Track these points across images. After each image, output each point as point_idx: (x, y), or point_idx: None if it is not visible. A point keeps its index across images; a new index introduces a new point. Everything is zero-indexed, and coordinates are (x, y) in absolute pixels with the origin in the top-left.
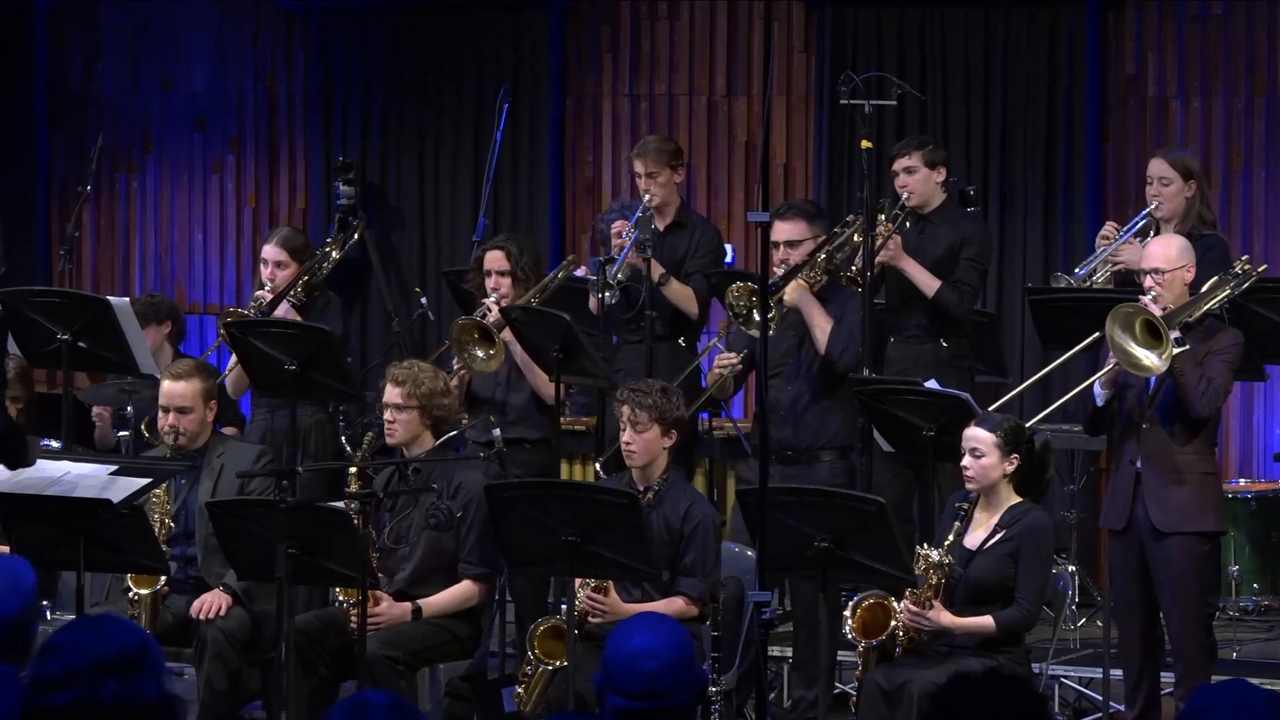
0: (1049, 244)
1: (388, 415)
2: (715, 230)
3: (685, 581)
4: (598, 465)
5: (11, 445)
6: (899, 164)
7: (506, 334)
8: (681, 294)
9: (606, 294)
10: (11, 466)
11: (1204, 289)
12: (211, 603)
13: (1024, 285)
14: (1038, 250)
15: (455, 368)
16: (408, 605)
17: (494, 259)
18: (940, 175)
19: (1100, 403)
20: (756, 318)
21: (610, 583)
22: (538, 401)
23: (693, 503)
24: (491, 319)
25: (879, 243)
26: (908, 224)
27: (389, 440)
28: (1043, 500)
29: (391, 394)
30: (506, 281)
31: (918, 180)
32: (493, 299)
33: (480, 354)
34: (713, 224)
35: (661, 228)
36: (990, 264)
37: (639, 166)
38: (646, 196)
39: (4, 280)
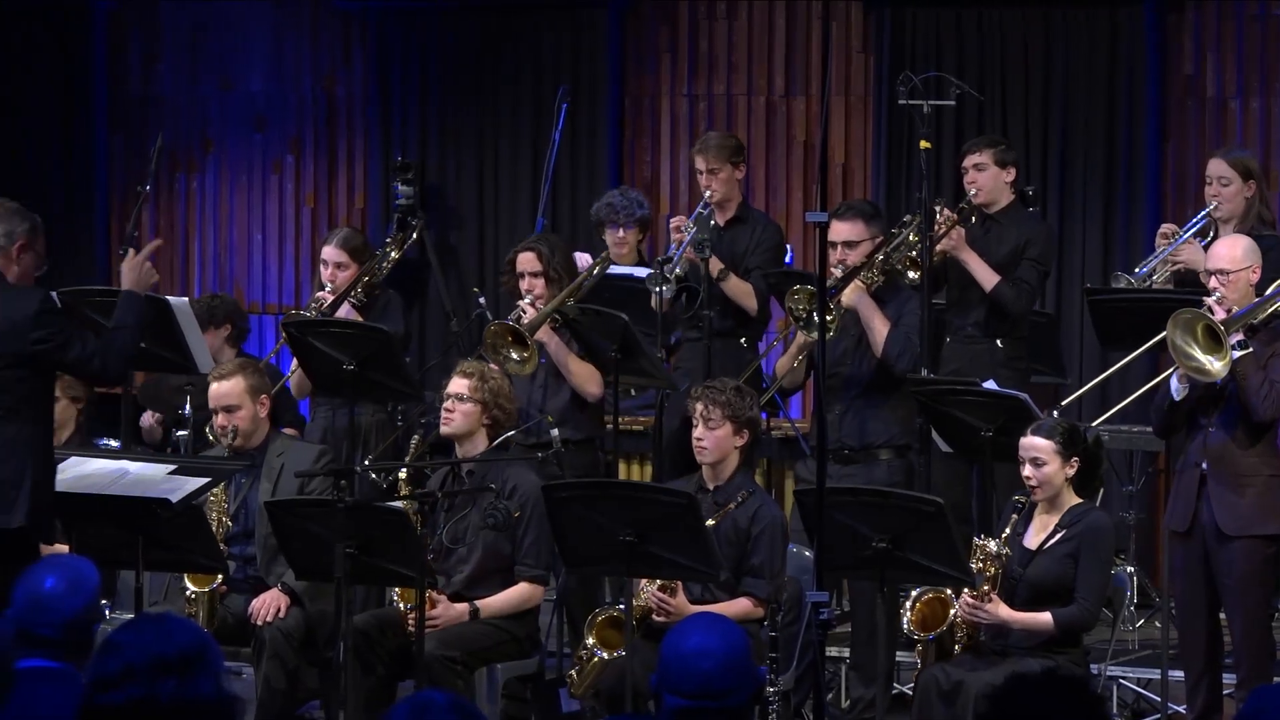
0: (1108, 244)
1: (448, 405)
2: (776, 227)
3: (752, 582)
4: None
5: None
6: (969, 160)
7: (542, 334)
8: (740, 290)
9: (664, 288)
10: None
11: (1269, 290)
12: (270, 603)
13: (1083, 285)
14: (1096, 250)
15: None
16: (465, 606)
17: (526, 261)
18: (1009, 175)
19: (1178, 397)
20: (817, 320)
21: (679, 583)
22: (578, 401)
23: (761, 504)
24: (526, 320)
25: (941, 231)
26: (972, 219)
27: (444, 430)
28: (1097, 496)
29: (458, 384)
30: (540, 283)
31: (986, 178)
32: (527, 300)
33: (515, 357)
34: (774, 221)
35: (722, 223)
36: (1052, 266)
37: (700, 162)
38: (707, 193)
39: (65, 280)
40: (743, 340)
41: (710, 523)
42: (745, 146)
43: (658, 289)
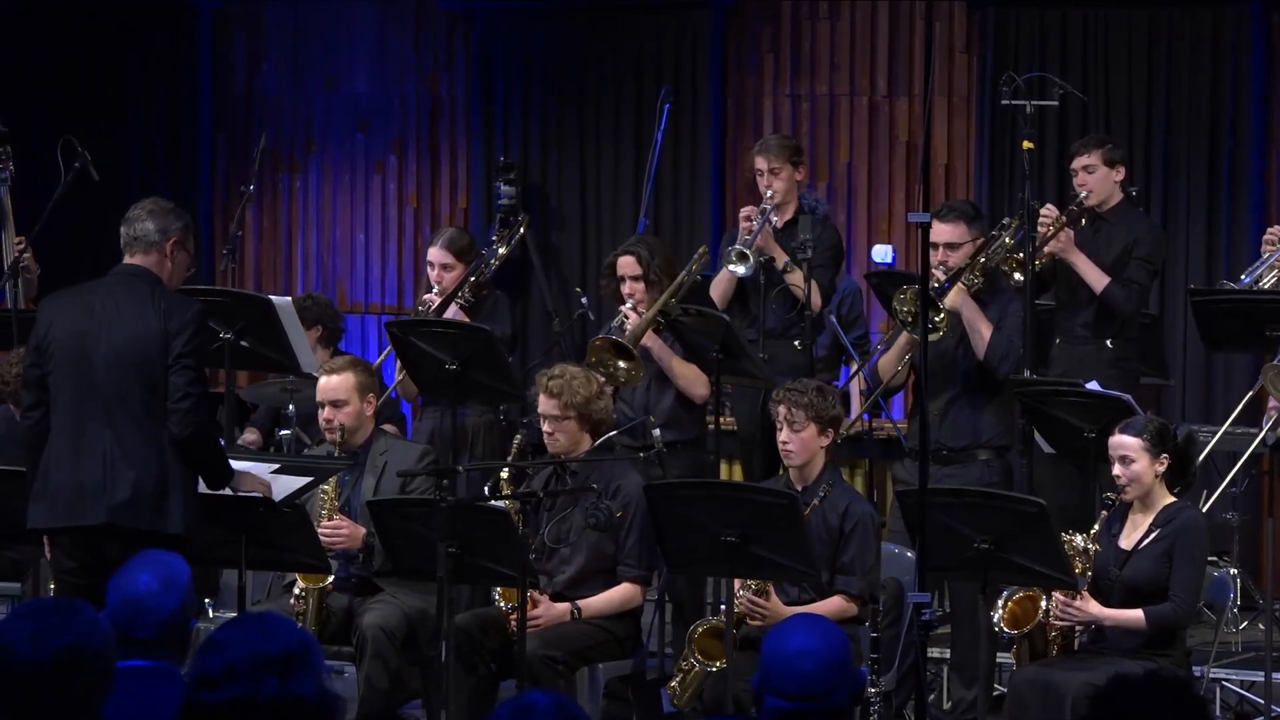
0: (1211, 245)
1: (546, 427)
2: (834, 228)
3: (844, 580)
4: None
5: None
6: (1077, 162)
7: (645, 338)
8: (811, 290)
9: (742, 268)
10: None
11: None
12: (346, 532)
13: (1186, 286)
14: (1200, 251)
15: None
16: (566, 606)
17: (626, 264)
18: (1119, 174)
19: (1269, 443)
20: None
21: (770, 585)
22: (684, 403)
23: (851, 501)
24: (629, 327)
25: (1049, 232)
26: (1083, 220)
27: (551, 449)
28: (1189, 492)
29: (547, 405)
30: (640, 286)
31: (1096, 179)
32: (629, 305)
33: (623, 366)
34: (831, 222)
35: (780, 224)
36: (1161, 265)
37: (761, 163)
38: (769, 193)
39: None
40: (796, 343)
41: None
42: (846, 150)
43: (735, 267)
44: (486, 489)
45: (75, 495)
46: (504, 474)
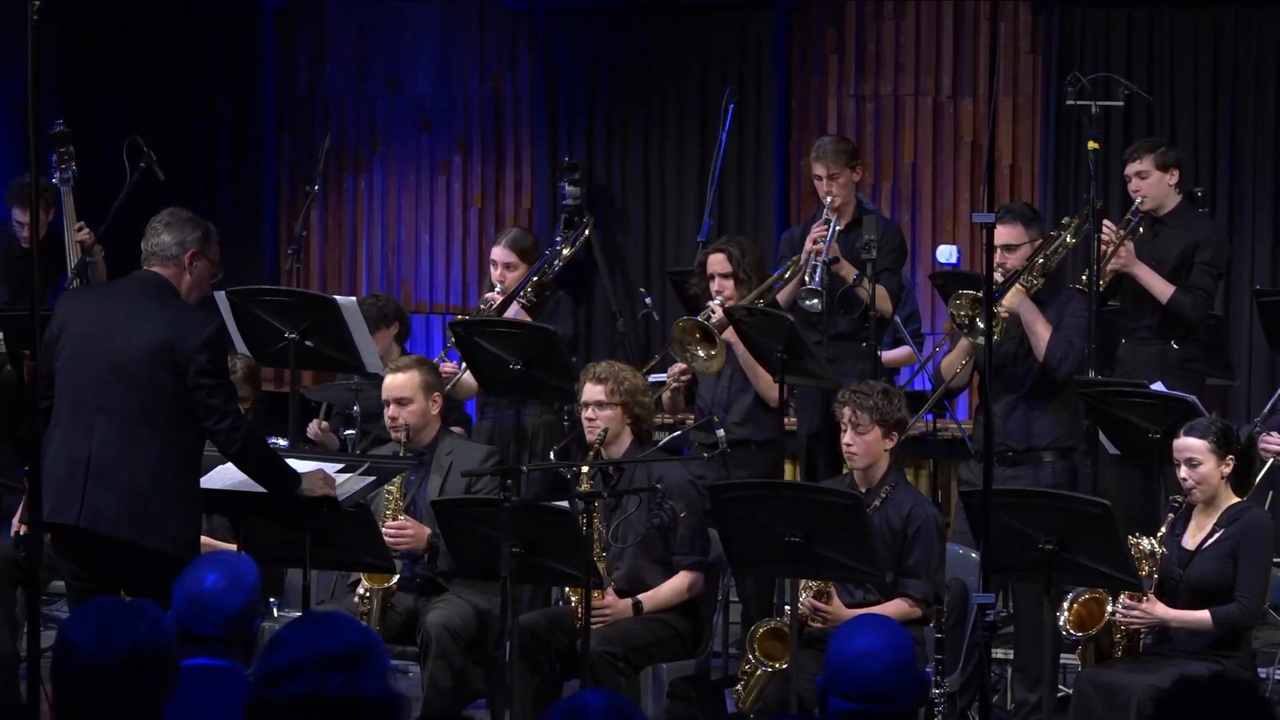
0: (1278, 246)
1: (588, 413)
2: (896, 227)
3: (909, 583)
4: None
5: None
6: (1131, 168)
7: (729, 335)
8: (876, 294)
9: (812, 302)
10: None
11: None
12: (411, 533)
13: (1252, 287)
14: (1266, 252)
15: (674, 371)
16: (628, 601)
17: (716, 262)
18: (1173, 177)
19: None
20: (980, 324)
21: (833, 589)
22: (763, 403)
23: (915, 503)
24: (714, 320)
25: (1109, 249)
26: (1140, 229)
27: (589, 437)
28: (1251, 493)
29: (592, 391)
30: (729, 284)
31: (1150, 184)
32: (717, 301)
33: (702, 354)
34: (893, 222)
35: (841, 227)
36: (1225, 267)
37: (819, 169)
38: (828, 198)
39: (233, 279)
40: (864, 344)
41: None
42: (910, 150)
43: (810, 303)
44: (570, 475)
45: (58, 493)
46: (584, 471)
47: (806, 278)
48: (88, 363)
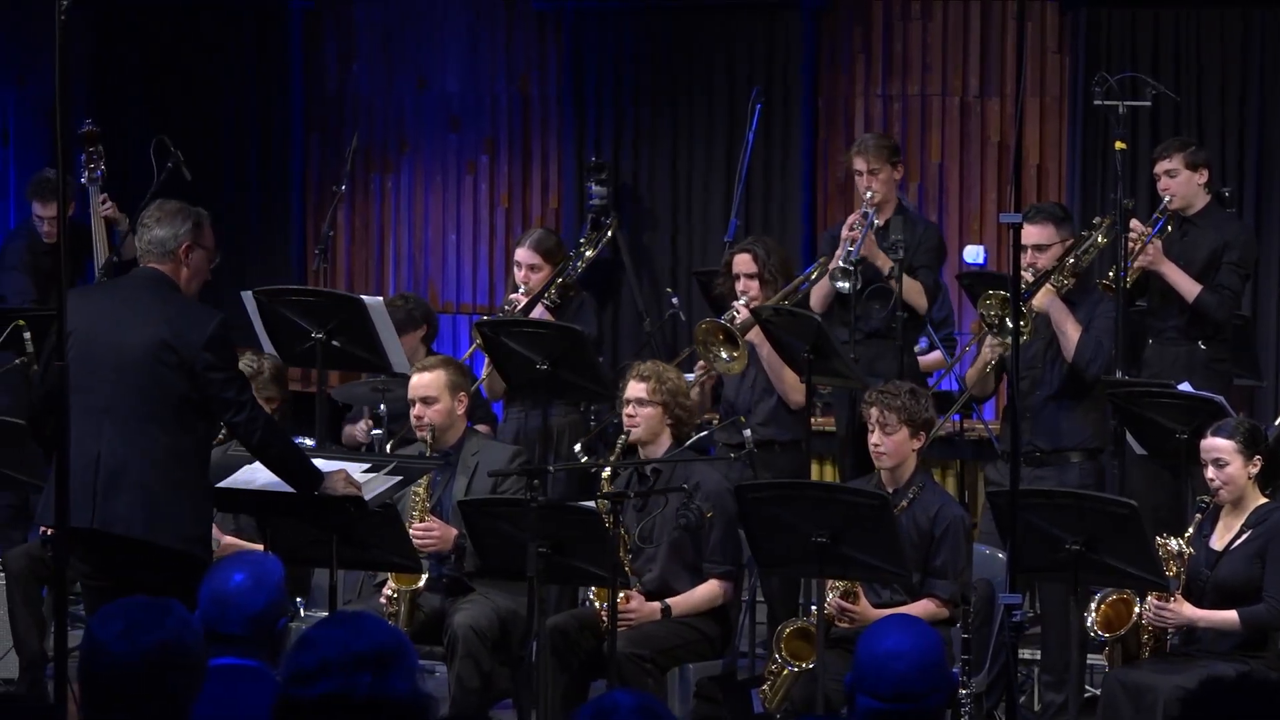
0: None
1: (629, 410)
2: (935, 226)
3: (936, 583)
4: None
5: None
6: (1159, 167)
7: (752, 335)
8: (910, 288)
9: (847, 283)
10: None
11: None
12: (438, 534)
13: None
14: None
15: (698, 371)
16: (656, 605)
17: (742, 262)
18: (1202, 177)
19: None
20: (1009, 324)
21: (860, 589)
22: (786, 404)
23: (943, 504)
24: (739, 321)
25: (1137, 247)
26: (1169, 228)
27: (629, 435)
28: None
29: (635, 389)
30: (755, 285)
31: (1179, 183)
32: (742, 302)
33: (724, 355)
34: (931, 221)
35: (880, 223)
36: (1253, 268)
37: (859, 164)
38: (868, 194)
39: (260, 278)
40: (897, 342)
41: None
42: (937, 151)
43: (842, 284)
44: (592, 471)
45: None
46: (605, 473)
47: (840, 261)
48: (93, 363)
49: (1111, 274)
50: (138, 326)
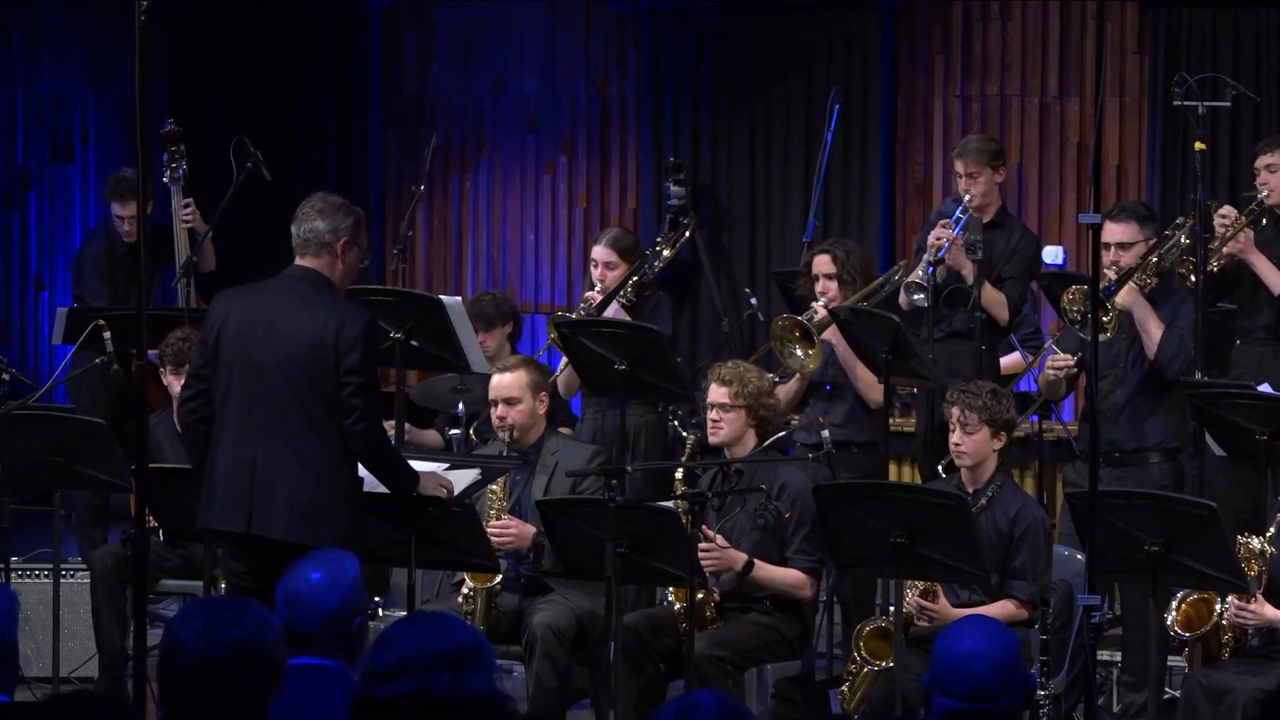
0: None
1: (713, 415)
2: (1033, 236)
3: (1015, 584)
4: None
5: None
6: (1260, 161)
7: (829, 335)
8: (993, 299)
9: (919, 296)
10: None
11: None
12: (515, 531)
13: None
14: None
15: (780, 371)
16: (741, 556)
17: (821, 263)
18: None
19: None
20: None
21: (939, 587)
22: (863, 404)
23: (1022, 505)
24: (817, 320)
25: (1228, 233)
26: (1263, 221)
27: (712, 440)
28: None
29: (717, 393)
30: (833, 285)
31: (1279, 179)
32: (821, 302)
33: (800, 353)
34: (1030, 230)
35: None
36: None
37: (960, 166)
38: (967, 197)
39: None
40: (982, 345)
41: None
42: (1016, 151)
43: (916, 296)
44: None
45: (225, 499)
46: (678, 475)
47: (920, 271)
48: (249, 366)
49: (1186, 269)
50: (293, 327)
